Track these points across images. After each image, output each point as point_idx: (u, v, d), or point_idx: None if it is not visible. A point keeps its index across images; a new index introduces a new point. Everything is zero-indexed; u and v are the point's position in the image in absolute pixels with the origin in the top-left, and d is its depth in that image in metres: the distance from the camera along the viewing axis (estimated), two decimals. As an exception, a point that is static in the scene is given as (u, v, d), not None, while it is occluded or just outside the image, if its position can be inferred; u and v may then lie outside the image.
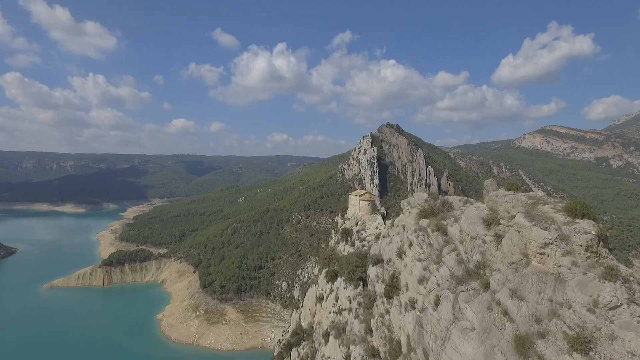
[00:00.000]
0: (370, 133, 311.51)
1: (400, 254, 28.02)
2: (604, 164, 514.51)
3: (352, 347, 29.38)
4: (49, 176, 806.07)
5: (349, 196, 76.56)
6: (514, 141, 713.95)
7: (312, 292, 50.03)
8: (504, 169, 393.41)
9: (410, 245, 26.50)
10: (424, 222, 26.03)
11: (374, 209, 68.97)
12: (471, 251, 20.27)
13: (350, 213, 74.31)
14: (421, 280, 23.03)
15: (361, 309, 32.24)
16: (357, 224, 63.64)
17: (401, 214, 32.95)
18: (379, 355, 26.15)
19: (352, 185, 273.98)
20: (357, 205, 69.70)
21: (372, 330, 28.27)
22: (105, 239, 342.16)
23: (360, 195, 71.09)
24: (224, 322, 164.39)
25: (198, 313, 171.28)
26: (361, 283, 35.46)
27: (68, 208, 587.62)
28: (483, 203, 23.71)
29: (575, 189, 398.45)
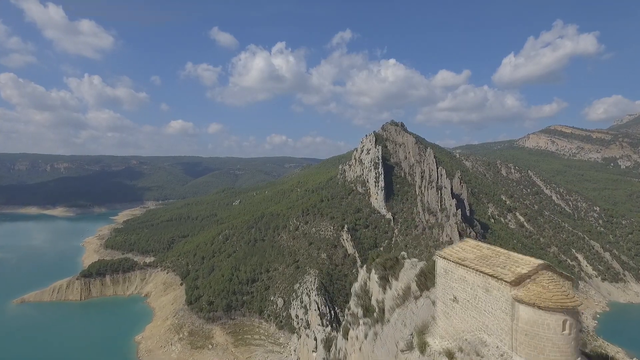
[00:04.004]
0: (374, 132, 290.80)
1: None
2: (612, 164, 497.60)
3: None
4: (42, 178, 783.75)
5: (450, 266, 18.19)
6: (517, 141, 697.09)
7: None
8: (513, 170, 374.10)
9: None
10: None
11: (578, 347, 13.35)
12: None
13: (443, 326, 18.92)
14: None
15: None
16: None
17: None
18: None
19: (354, 188, 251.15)
20: (497, 311, 14.72)
21: None
22: (91, 246, 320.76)
23: (512, 282, 13.87)
24: (210, 346, 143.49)
25: (181, 335, 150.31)
26: None
27: (58, 211, 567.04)
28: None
29: (586, 191, 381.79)
